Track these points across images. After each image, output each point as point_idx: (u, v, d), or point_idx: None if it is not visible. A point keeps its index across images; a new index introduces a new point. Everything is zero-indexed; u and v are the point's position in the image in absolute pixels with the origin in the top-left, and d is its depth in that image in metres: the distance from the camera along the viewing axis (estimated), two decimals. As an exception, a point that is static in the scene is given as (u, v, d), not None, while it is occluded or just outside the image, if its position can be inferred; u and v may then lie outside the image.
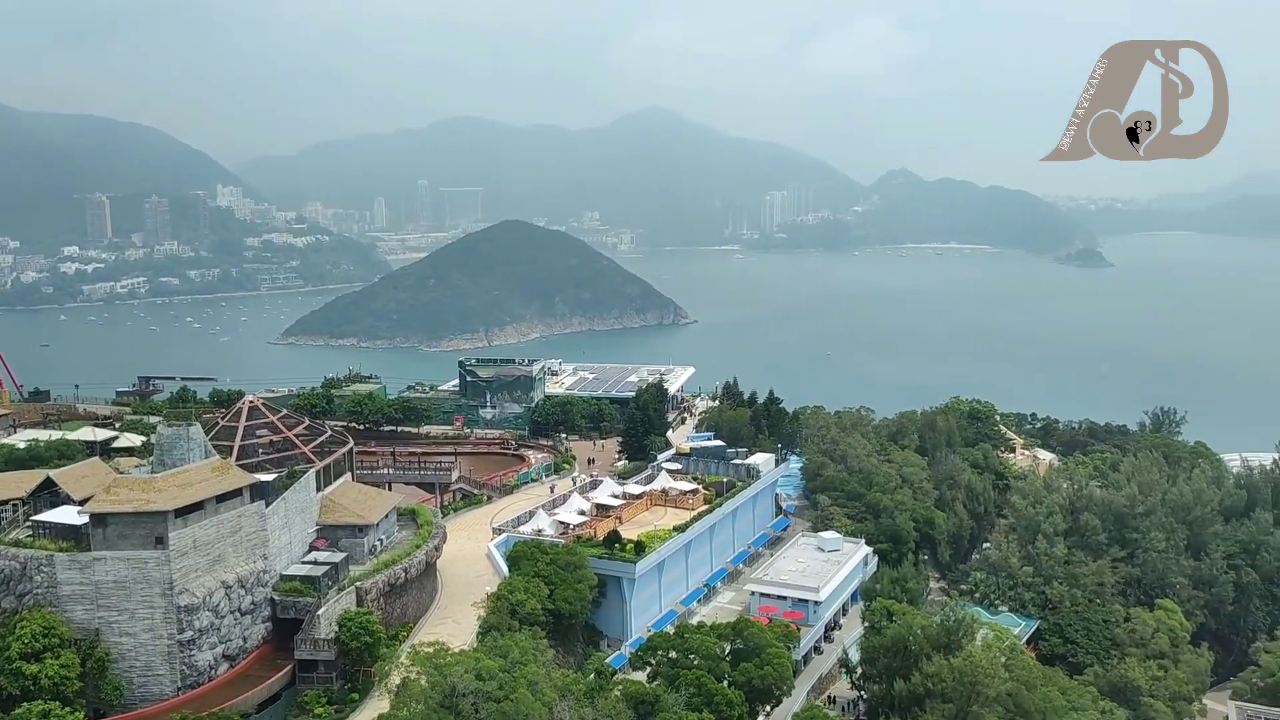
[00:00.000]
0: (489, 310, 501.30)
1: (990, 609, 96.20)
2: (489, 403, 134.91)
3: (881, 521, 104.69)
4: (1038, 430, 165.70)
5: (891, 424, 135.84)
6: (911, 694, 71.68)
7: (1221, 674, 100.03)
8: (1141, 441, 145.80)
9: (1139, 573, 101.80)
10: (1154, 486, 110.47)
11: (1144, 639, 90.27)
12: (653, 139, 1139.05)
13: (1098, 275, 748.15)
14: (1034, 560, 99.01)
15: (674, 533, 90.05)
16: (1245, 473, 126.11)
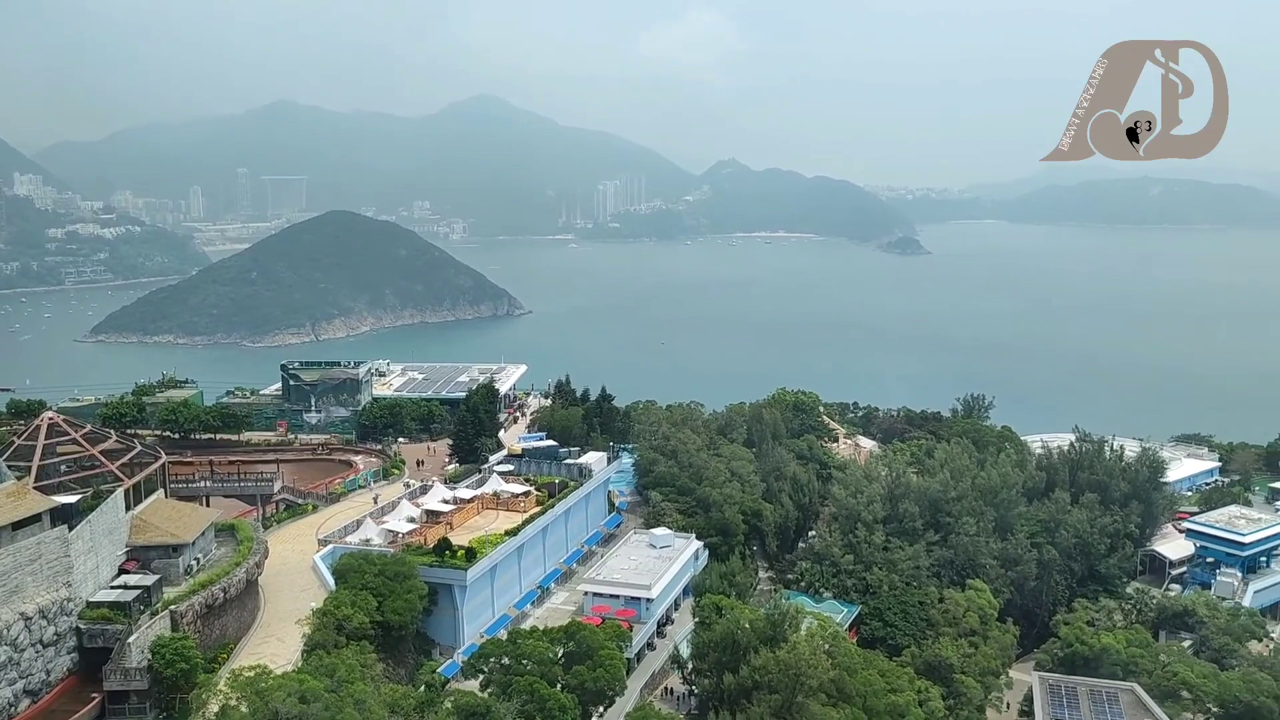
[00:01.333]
0: (316, 304, 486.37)
1: (815, 597, 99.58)
2: (314, 407, 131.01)
3: (711, 516, 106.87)
4: (859, 419, 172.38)
5: (720, 418, 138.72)
6: (740, 687, 73.53)
7: (1026, 646, 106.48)
8: (954, 427, 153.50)
9: (952, 555, 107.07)
10: (965, 472, 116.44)
11: (956, 618, 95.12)
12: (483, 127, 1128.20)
13: (916, 262, 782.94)
14: (855, 548, 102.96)
15: (506, 537, 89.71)
16: (1045, 455, 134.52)
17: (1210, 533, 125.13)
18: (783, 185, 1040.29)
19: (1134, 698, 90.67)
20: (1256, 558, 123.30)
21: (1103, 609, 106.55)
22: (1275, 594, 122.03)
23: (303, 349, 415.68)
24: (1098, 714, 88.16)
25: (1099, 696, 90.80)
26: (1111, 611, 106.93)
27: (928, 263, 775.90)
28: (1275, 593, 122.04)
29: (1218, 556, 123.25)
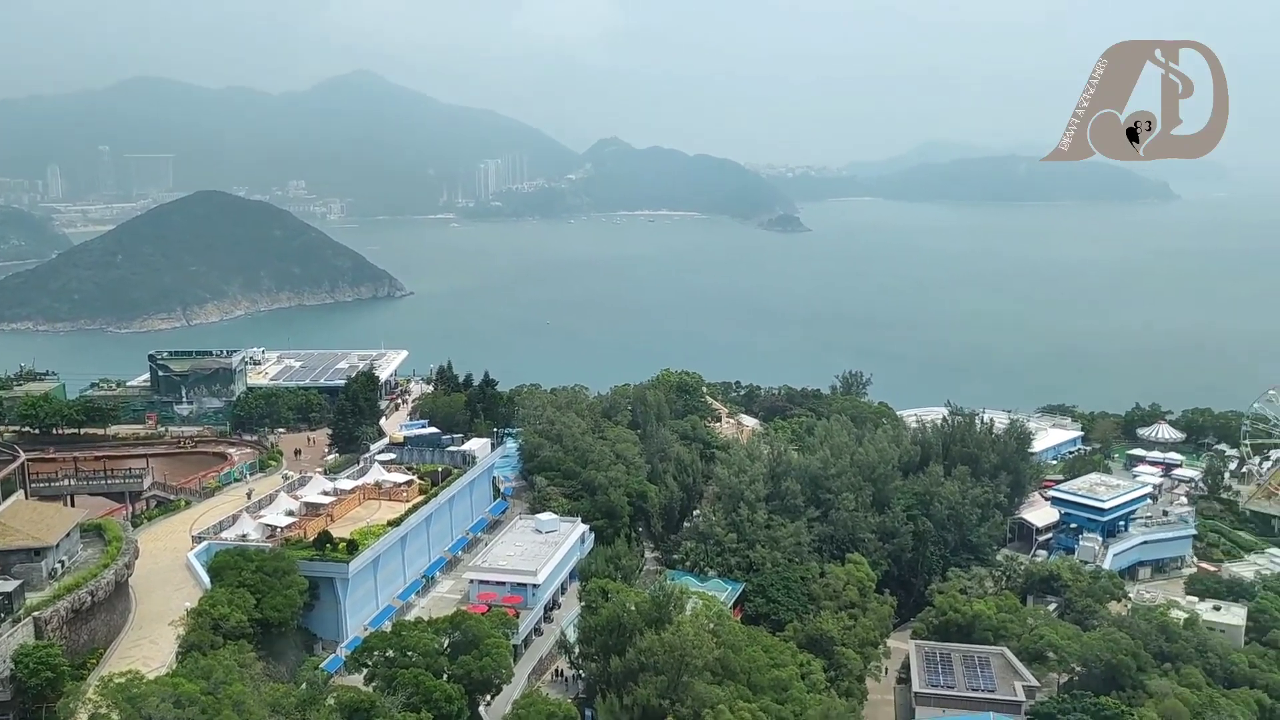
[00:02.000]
0: (186, 287, 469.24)
1: (700, 576, 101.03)
2: (185, 398, 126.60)
3: (597, 499, 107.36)
4: (742, 398, 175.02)
5: (605, 400, 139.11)
6: (626, 669, 74.24)
7: (904, 615, 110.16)
8: (834, 404, 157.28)
9: (832, 530, 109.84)
10: (844, 449, 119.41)
11: (837, 592, 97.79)
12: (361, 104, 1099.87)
13: (797, 239, 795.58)
14: (738, 527, 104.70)
15: (389, 527, 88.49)
16: (920, 430, 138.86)
17: (1073, 500, 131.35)
18: (665, 163, 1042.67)
19: (1004, 661, 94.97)
20: (1116, 523, 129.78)
21: (974, 577, 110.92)
22: (1133, 556, 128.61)
23: (174, 334, 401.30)
24: (970, 678, 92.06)
25: (971, 661, 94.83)
26: (983, 579, 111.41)
27: (808, 240, 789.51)
28: (1133, 555, 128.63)
29: (1080, 523, 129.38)
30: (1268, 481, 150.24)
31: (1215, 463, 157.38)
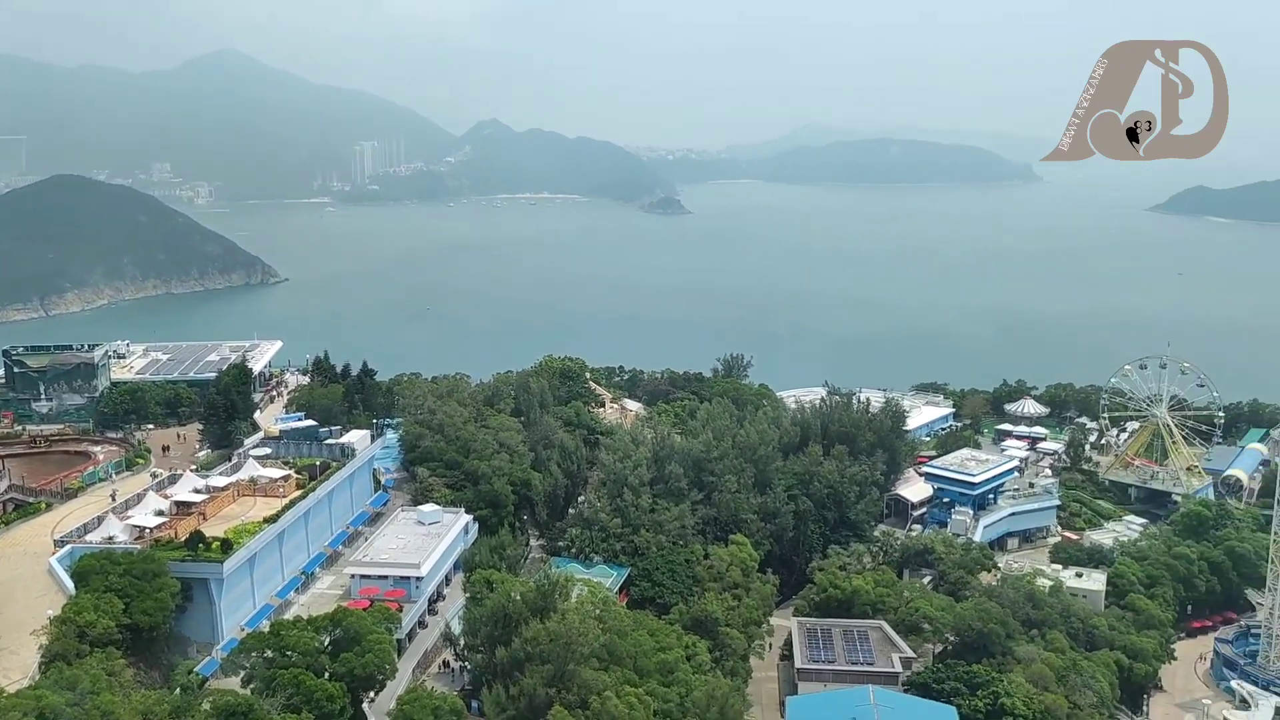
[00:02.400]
0: (44, 276, 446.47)
1: (586, 562, 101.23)
2: (44, 395, 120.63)
3: (480, 488, 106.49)
4: (626, 382, 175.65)
5: (487, 388, 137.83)
6: (513, 660, 74.01)
7: (786, 593, 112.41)
8: (715, 387, 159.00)
9: (715, 513, 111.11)
10: (726, 431, 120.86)
11: (720, 573, 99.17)
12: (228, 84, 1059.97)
13: (678, 221, 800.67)
14: (623, 512, 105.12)
15: (265, 524, 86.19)
16: (799, 410, 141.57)
17: (945, 475, 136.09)
18: (545, 146, 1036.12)
19: (882, 634, 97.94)
20: (985, 496, 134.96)
21: (853, 553, 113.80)
22: (1002, 528, 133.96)
23: (32, 326, 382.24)
24: (850, 652, 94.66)
25: (851, 635, 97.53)
26: (861, 555, 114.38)
27: (689, 222, 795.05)
28: (1002, 527, 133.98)
29: (952, 497, 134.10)
30: (1124, 452, 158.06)
31: (1076, 435, 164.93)
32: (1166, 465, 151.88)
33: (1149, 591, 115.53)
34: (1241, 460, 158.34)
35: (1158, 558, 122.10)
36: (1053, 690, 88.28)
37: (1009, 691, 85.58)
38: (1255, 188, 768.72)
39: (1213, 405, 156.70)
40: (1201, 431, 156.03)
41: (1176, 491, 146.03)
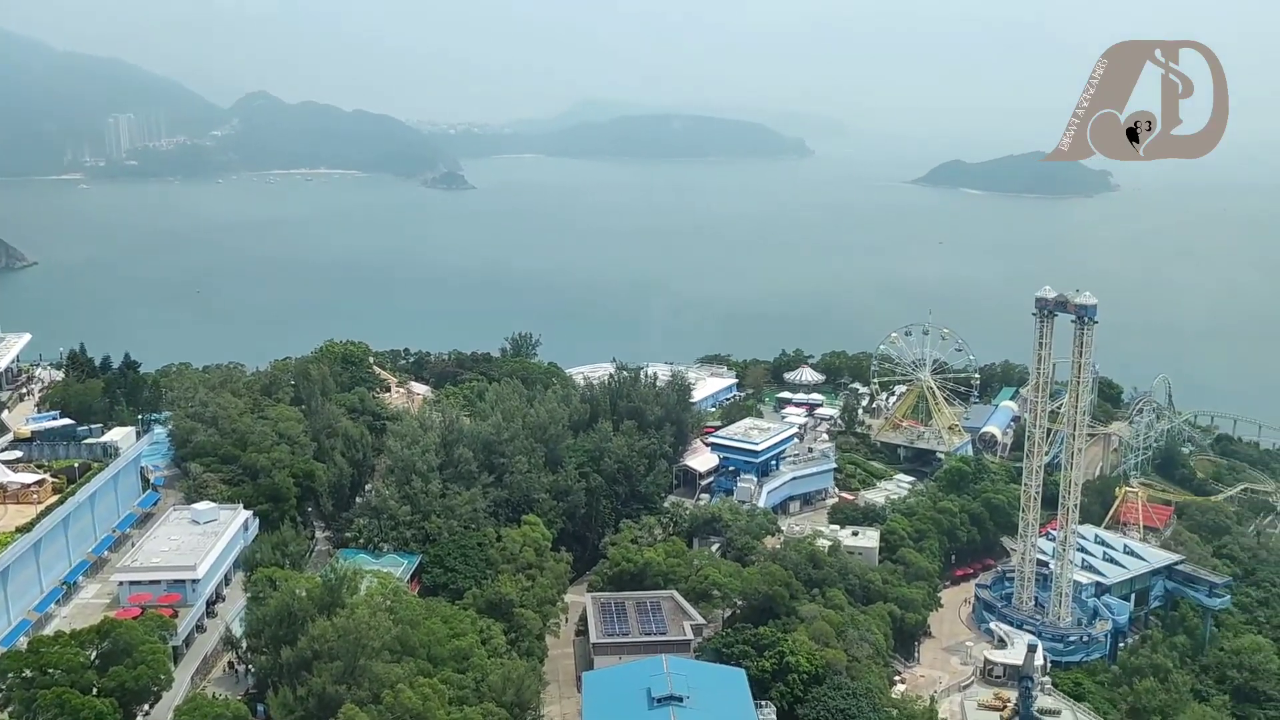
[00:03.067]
0: None
1: (375, 552, 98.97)
2: None
3: (260, 482, 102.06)
4: (411, 365, 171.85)
5: (264, 377, 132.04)
6: (299, 659, 71.80)
7: (580, 569, 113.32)
8: (504, 367, 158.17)
9: (507, 494, 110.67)
10: (516, 412, 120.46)
11: (514, 554, 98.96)
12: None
13: (461, 197, 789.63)
14: (412, 499, 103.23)
15: (17, 534, 79.79)
16: (588, 388, 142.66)
17: (730, 444, 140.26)
18: (320, 119, 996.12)
19: (674, 603, 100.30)
20: (768, 462, 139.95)
21: (645, 526, 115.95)
22: (784, 492, 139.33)
23: None
24: (643, 623, 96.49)
25: (644, 606, 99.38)
26: (652, 527, 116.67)
27: (473, 198, 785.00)
28: (784, 491, 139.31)
29: (737, 465, 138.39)
30: (893, 414, 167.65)
31: (850, 400, 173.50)
32: (931, 425, 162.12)
33: (918, 545, 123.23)
34: (995, 418, 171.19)
35: (925, 513, 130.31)
36: (833, 645, 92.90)
37: (793, 650, 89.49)
38: (1004, 161, 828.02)
39: (969, 367, 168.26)
40: (960, 392, 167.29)
41: (940, 450, 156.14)
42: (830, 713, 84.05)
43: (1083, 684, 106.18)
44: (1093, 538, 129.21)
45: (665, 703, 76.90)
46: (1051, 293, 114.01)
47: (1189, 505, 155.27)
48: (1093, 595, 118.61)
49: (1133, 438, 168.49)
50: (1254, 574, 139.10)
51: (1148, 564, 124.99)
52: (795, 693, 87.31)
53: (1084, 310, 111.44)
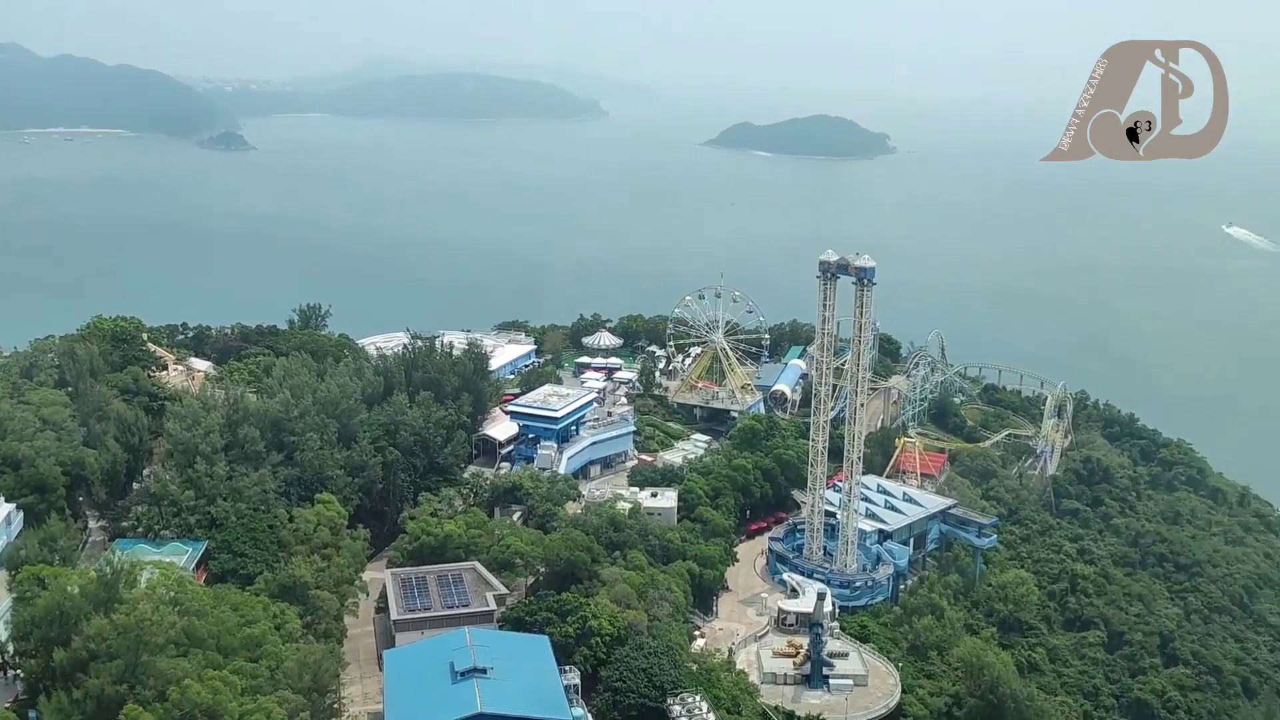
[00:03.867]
0: None
1: (156, 541, 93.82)
2: None
3: (22, 473, 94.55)
4: (191, 340, 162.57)
5: (23, 359, 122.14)
6: (74, 660, 67.36)
7: (380, 545, 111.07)
8: (292, 340, 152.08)
9: (299, 472, 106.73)
10: (305, 388, 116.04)
11: (307, 535, 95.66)
12: None
13: (242, 158, 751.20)
14: (196, 482, 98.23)
15: None
16: (382, 359, 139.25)
17: (530, 412, 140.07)
18: (79, 75, 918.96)
19: (476, 574, 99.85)
20: (568, 428, 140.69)
21: (444, 498, 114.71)
22: (584, 457, 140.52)
23: None
24: (445, 596, 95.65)
25: (445, 579, 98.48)
26: (452, 499, 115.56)
27: (255, 159, 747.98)
28: (584, 456, 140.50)
29: (537, 432, 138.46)
30: (689, 376, 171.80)
31: (647, 364, 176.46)
32: (725, 385, 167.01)
33: (714, 503, 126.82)
34: (785, 376, 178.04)
35: (720, 471, 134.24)
36: (634, 606, 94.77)
37: (595, 614, 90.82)
38: (789, 124, 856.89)
39: (760, 328, 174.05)
40: (752, 353, 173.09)
41: (734, 409, 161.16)
42: (632, 673, 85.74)
43: (868, 626, 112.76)
44: (875, 487, 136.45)
45: (469, 675, 76.87)
46: (833, 256, 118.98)
47: (960, 452, 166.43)
48: (876, 542, 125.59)
49: (910, 391, 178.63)
50: (1017, 513, 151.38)
51: (924, 509, 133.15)
52: (598, 655, 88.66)
53: (864, 272, 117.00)
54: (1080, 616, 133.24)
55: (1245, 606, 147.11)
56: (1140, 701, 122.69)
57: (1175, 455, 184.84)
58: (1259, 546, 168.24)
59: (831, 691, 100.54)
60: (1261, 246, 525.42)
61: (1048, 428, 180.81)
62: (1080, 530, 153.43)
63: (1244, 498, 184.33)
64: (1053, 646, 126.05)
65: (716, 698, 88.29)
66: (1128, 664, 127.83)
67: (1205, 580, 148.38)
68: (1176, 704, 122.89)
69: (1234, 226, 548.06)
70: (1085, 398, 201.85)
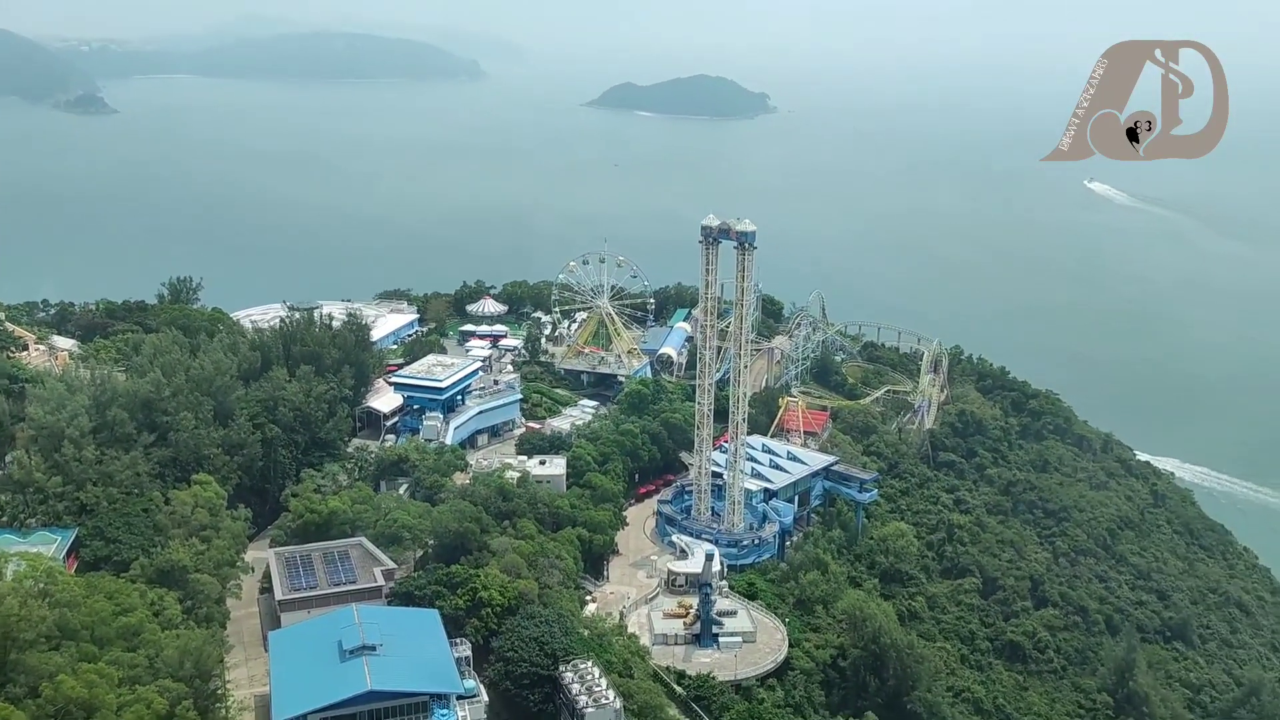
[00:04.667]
0: None
1: (21, 531, 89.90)
2: None
3: None
4: (52, 318, 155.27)
5: None
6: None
7: (262, 524, 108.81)
8: (162, 315, 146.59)
9: (174, 453, 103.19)
10: (177, 366, 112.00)
11: (185, 518, 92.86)
12: None
13: (102, 123, 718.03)
14: (63, 468, 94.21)
15: None
16: (258, 334, 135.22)
17: (414, 383, 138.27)
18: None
19: (363, 550, 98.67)
20: (454, 398, 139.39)
21: (328, 474, 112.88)
22: (471, 427, 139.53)
23: None
24: (331, 574, 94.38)
25: (331, 556, 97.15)
26: (336, 474, 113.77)
27: (117, 124, 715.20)
28: (471, 426, 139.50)
29: (422, 403, 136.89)
30: (575, 341, 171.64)
31: (533, 330, 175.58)
32: (611, 350, 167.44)
33: (603, 468, 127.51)
34: (671, 339, 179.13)
35: (608, 436, 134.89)
36: (525, 576, 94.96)
37: (485, 585, 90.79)
38: (671, 84, 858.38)
39: (645, 292, 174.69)
40: (638, 317, 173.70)
41: (621, 373, 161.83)
42: (524, 642, 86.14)
43: (755, 583, 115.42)
44: (761, 447, 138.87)
45: (357, 653, 76.33)
46: (715, 221, 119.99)
47: (842, 409, 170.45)
48: (762, 501, 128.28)
49: (793, 350, 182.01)
50: (896, 467, 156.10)
51: (808, 467, 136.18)
52: (490, 626, 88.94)
53: (744, 236, 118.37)
54: (957, 565, 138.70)
55: (1108, 548, 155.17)
56: (1013, 643, 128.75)
57: (1043, 406, 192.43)
58: (1120, 490, 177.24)
59: (721, 649, 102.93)
60: (1121, 201, 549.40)
61: (925, 383, 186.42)
62: (956, 481, 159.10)
63: (1107, 444, 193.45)
64: (931, 595, 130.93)
65: (608, 662, 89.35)
66: (1001, 608, 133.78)
67: (1072, 525, 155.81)
68: (1046, 644, 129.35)
69: (1095, 182, 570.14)
70: (960, 353, 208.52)
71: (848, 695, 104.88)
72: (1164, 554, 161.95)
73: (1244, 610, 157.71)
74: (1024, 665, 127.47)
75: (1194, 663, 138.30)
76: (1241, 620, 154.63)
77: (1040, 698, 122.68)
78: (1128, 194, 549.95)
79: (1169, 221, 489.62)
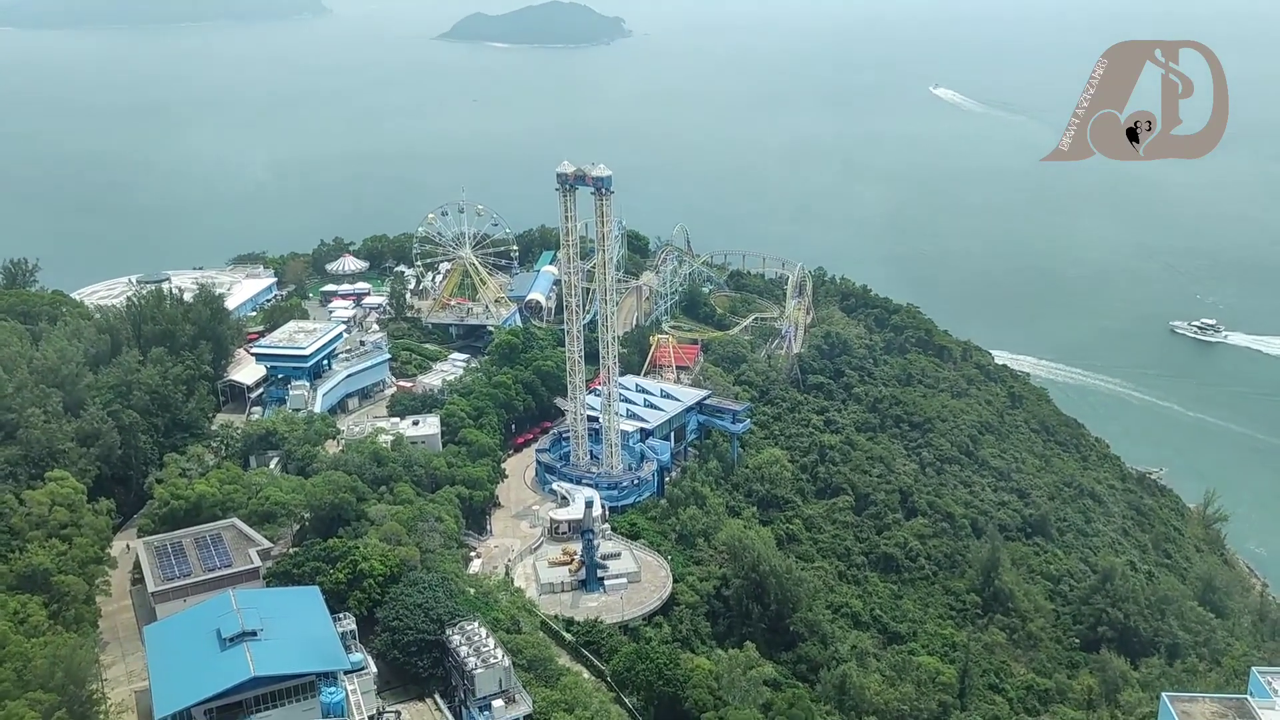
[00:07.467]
0: None
1: None
2: None
3: None
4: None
5: None
6: None
7: (127, 514, 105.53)
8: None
9: (24, 451, 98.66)
10: (18, 358, 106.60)
11: (42, 518, 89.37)
12: None
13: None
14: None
15: None
16: (104, 316, 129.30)
17: (276, 352, 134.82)
18: None
19: (236, 532, 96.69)
20: (320, 364, 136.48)
21: (192, 456, 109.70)
22: (340, 391, 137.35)
23: None
24: (205, 559, 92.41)
25: (203, 541, 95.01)
26: (202, 456, 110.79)
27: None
28: (340, 391, 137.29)
29: (287, 372, 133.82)
30: (441, 294, 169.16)
31: (397, 285, 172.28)
32: (478, 300, 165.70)
33: (478, 423, 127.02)
34: (538, 284, 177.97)
35: (481, 390, 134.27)
36: (405, 542, 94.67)
37: (366, 556, 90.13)
38: (525, 12, 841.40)
39: (508, 238, 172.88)
40: (503, 265, 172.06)
41: (490, 324, 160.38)
42: (408, 610, 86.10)
43: (637, 523, 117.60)
44: (634, 387, 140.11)
45: (237, 641, 75.05)
46: (570, 167, 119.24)
47: (712, 341, 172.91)
48: (638, 441, 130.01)
49: (660, 285, 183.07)
50: (768, 394, 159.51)
51: (681, 403, 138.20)
52: (373, 597, 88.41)
53: (600, 182, 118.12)
54: (830, 485, 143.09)
55: (971, 454, 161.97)
56: (887, 555, 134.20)
57: (905, 320, 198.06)
58: (980, 395, 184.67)
59: (608, 592, 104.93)
60: (969, 107, 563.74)
61: (790, 308, 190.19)
62: (825, 403, 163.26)
63: (966, 351, 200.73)
64: (808, 516, 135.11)
65: (495, 620, 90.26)
66: (874, 522, 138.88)
67: (936, 435, 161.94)
68: (917, 552, 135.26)
69: (940, 88, 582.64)
70: (824, 274, 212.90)
71: (733, 624, 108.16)
72: (1022, 454, 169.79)
73: (1097, 500, 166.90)
74: (898, 575, 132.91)
75: (1054, 555, 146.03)
76: (1095, 510, 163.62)
77: (914, 604, 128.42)
78: (976, 100, 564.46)
79: (1017, 126, 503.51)
